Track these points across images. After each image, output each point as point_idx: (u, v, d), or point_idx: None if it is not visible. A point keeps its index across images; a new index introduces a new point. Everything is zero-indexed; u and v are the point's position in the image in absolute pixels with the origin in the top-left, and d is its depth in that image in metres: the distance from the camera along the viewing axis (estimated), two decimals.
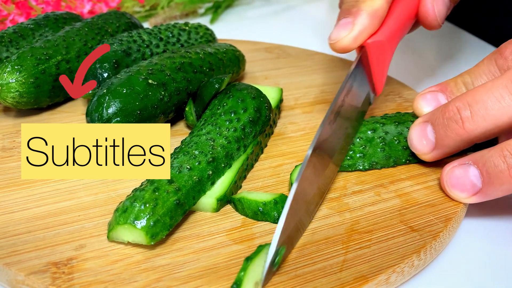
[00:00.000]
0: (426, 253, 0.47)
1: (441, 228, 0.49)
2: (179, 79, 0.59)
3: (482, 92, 0.49)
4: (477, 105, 0.49)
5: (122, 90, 0.55)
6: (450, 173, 0.51)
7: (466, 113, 0.49)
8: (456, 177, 0.50)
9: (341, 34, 0.53)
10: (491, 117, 0.48)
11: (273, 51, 0.83)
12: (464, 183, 0.50)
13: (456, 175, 0.50)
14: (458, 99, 0.50)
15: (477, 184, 0.49)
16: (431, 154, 0.53)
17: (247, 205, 0.49)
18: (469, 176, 0.49)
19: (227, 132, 0.54)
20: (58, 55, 0.62)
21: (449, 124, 0.50)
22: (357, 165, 0.55)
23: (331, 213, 0.50)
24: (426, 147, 0.53)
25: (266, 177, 0.55)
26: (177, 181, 0.48)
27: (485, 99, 0.48)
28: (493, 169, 0.47)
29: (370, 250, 0.46)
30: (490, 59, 0.53)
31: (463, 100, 0.50)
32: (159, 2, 1.05)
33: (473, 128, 0.49)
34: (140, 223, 0.44)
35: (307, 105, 0.68)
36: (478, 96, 0.49)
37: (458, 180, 0.50)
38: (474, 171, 0.49)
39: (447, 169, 0.51)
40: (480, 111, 0.48)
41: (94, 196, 0.51)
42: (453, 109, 0.50)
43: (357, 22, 0.53)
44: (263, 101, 0.58)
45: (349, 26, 0.53)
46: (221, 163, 0.52)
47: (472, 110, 0.49)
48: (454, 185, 0.51)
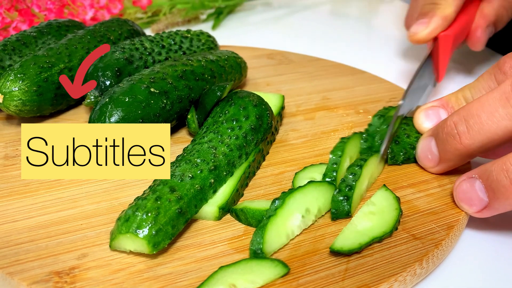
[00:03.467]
0: (428, 261, 0.47)
1: (443, 236, 0.49)
2: (181, 87, 0.60)
3: (477, 106, 0.50)
4: (472, 119, 0.49)
5: (124, 99, 0.55)
6: (459, 187, 0.51)
7: (462, 127, 0.50)
8: (463, 192, 0.51)
9: (419, 29, 0.70)
10: (486, 131, 0.49)
11: (275, 57, 0.83)
12: (471, 198, 0.50)
13: (464, 190, 0.51)
14: (455, 114, 0.51)
15: (483, 198, 0.49)
16: (437, 168, 0.55)
17: (251, 214, 0.49)
18: (475, 190, 0.49)
19: (229, 140, 0.54)
20: (61, 63, 0.63)
21: (448, 139, 0.52)
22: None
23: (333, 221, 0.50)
24: (431, 161, 0.55)
25: (268, 185, 0.55)
26: (179, 190, 0.48)
27: (479, 113, 0.49)
28: (496, 184, 0.47)
29: (373, 258, 0.46)
30: (490, 74, 0.55)
31: (460, 114, 0.51)
32: (161, 8, 1.06)
33: (470, 143, 0.50)
34: (142, 232, 0.44)
35: (309, 111, 0.68)
36: (473, 110, 0.50)
37: (465, 194, 0.50)
38: (479, 185, 0.49)
39: (457, 182, 0.52)
40: (475, 126, 0.49)
41: (96, 204, 0.51)
42: (450, 124, 0.51)
43: (432, 22, 0.70)
44: (265, 108, 0.58)
45: (425, 24, 0.70)
46: (223, 171, 0.52)
47: (468, 124, 0.50)
48: (462, 199, 0.51)
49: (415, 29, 0.71)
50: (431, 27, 0.69)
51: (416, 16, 0.72)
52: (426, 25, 0.70)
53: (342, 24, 1.07)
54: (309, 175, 0.54)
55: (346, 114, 0.68)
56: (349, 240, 0.46)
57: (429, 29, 0.70)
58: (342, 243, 0.46)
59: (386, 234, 0.47)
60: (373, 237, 0.47)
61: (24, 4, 0.91)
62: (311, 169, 0.55)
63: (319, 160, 0.58)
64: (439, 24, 0.69)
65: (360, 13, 1.15)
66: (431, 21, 0.69)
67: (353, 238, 0.46)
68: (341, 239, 0.46)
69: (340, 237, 0.47)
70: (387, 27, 1.07)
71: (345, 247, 0.46)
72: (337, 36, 1.01)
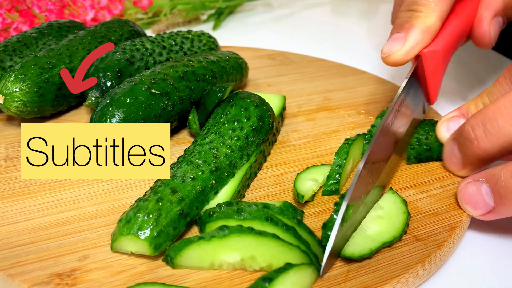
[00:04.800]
0: (431, 263, 0.47)
1: (445, 237, 0.49)
2: (182, 88, 0.59)
3: (493, 109, 0.49)
4: (489, 123, 0.49)
5: (126, 100, 0.55)
6: (464, 189, 0.51)
7: (479, 132, 0.49)
8: (469, 194, 0.50)
9: (393, 48, 0.55)
10: (504, 135, 0.48)
11: (276, 58, 0.83)
12: (477, 201, 0.49)
13: (469, 192, 0.50)
14: (472, 118, 0.51)
15: (489, 203, 0.48)
16: (463, 172, 0.55)
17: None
18: (481, 194, 0.49)
19: (230, 141, 0.54)
20: (62, 64, 0.62)
21: (466, 144, 0.51)
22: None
23: None
24: (456, 165, 0.55)
25: (269, 186, 0.55)
26: (181, 191, 0.48)
27: (496, 117, 0.48)
28: (504, 189, 0.47)
29: (375, 260, 0.46)
30: (505, 78, 0.53)
31: (477, 118, 0.50)
32: (161, 9, 1.06)
33: (488, 147, 0.49)
34: (143, 233, 0.44)
35: (310, 112, 0.68)
36: (489, 113, 0.49)
37: (471, 197, 0.50)
38: (486, 189, 0.49)
39: (462, 184, 0.51)
40: (492, 130, 0.49)
41: (97, 206, 0.51)
42: (467, 128, 0.51)
43: (409, 37, 0.55)
44: (266, 109, 0.58)
45: (401, 41, 0.55)
46: (224, 172, 0.51)
47: (485, 128, 0.49)
48: (467, 202, 0.51)
49: (389, 48, 0.55)
50: (408, 44, 0.54)
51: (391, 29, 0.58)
52: (403, 41, 0.55)
53: (342, 25, 1.07)
54: (311, 176, 0.53)
55: (347, 115, 0.68)
56: (360, 246, 0.46)
57: (407, 47, 0.55)
58: (353, 249, 0.46)
59: (395, 239, 0.47)
60: (383, 242, 0.46)
61: (24, 5, 0.91)
62: (312, 170, 0.55)
63: (320, 161, 0.58)
64: (419, 40, 0.55)
65: (360, 13, 1.15)
66: (409, 37, 0.55)
67: (364, 244, 0.46)
68: (352, 245, 0.46)
69: (351, 243, 0.46)
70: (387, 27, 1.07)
71: (356, 253, 0.45)
72: (338, 36, 1.01)
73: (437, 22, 0.55)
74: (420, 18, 0.55)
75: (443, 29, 0.57)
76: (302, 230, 0.46)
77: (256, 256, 0.44)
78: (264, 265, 0.44)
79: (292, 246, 0.43)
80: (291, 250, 0.43)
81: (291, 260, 0.43)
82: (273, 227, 0.45)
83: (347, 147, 0.55)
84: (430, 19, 0.55)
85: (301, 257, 0.44)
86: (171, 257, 0.44)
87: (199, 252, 0.44)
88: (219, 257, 0.44)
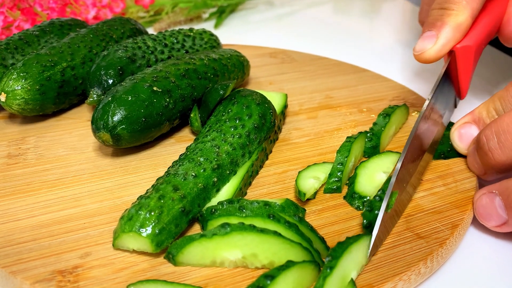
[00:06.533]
0: (433, 260, 0.46)
1: (447, 235, 0.49)
2: (184, 86, 0.59)
3: (508, 121, 0.49)
4: (503, 136, 0.49)
5: (127, 98, 0.55)
6: (479, 201, 0.51)
7: (493, 144, 0.50)
8: (483, 206, 0.50)
9: (426, 46, 0.56)
10: None
11: (278, 56, 0.83)
12: (491, 214, 0.50)
13: (483, 204, 0.50)
14: (487, 128, 0.51)
15: (503, 215, 0.48)
16: (486, 177, 0.55)
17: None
18: (495, 206, 0.49)
19: (232, 138, 0.54)
20: (63, 61, 0.62)
21: (481, 154, 0.52)
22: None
23: (336, 220, 0.50)
24: (478, 170, 0.55)
25: (271, 184, 0.55)
26: (182, 189, 0.48)
27: (510, 129, 0.48)
28: None
29: (377, 257, 0.46)
30: None
31: (491, 129, 0.50)
32: (163, 7, 1.06)
33: (503, 159, 0.49)
34: (145, 231, 0.44)
35: (312, 110, 0.68)
36: (503, 125, 0.49)
37: (485, 209, 0.50)
38: (499, 202, 0.49)
39: (477, 195, 0.51)
40: (506, 142, 0.49)
41: (99, 203, 0.51)
42: (482, 139, 0.51)
43: (441, 35, 0.56)
44: (268, 107, 0.58)
45: (433, 38, 0.56)
46: (226, 170, 0.51)
47: (499, 140, 0.49)
48: (481, 214, 0.51)
49: (421, 46, 0.57)
50: (441, 42, 0.55)
51: (423, 27, 0.60)
52: (434, 39, 0.56)
53: (344, 23, 1.07)
54: (312, 174, 0.53)
55: (349, 113, 0.68)
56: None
57: (439, 44, 0.56)
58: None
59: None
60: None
61: (26, 3, 0.91)
62: (314, 168, 0.55)
63: (322, 159, 0.58)
64: (451, 37, 0.56)
65: (362, 11, 1.15)
66: (441, 34, 0.55)
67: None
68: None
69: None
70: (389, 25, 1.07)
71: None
72: (340, 34, 1.01)
73: (468, 20, 0.56)
74: (451, 16, 0.56)
75: (474, 26, 0.58)
76: (304, 227, 0.46)
77: (257, 254, 0.44)
78: (266, 262, 0.44)
79: (293, 243, 0.43)
80: (292, 247, 0.43)
81: (293, 257, 0.43)
82: (275, 225, 0.45)
83: (349, 145, 0.55)
84: (461, 16, 0.56)
85: (303, 254, 0.44)
86: (173, 254, 0.44)
87: (200, 249, 0.44)
88: (220, 255, 0.44)
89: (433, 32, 0.56)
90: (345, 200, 0.52)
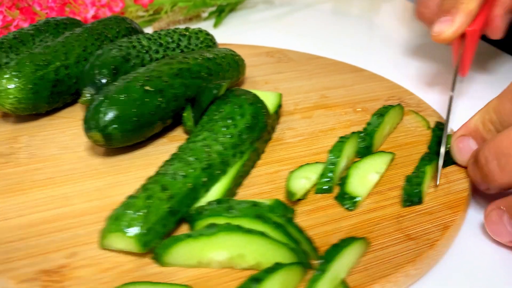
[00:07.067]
0: (422, 262, 0.46)
1: (438, 237, 0.48)
2: (176, 85, 0.59)
3: (507, 143, 0.48)
4: (504, 159, 0.48)
5: (119, 97, 0.55)
6: (489, 218, 0.50)
7: (493, 166, 0.49)
8: (492, 222, 0.50)
9: (444, 28, 0.66)
10: None
11: (274, 55, 0.82)
12: (500, 230, 0.49)
13: (493, 220, 0.50)
14: (486, 148, 0.50)
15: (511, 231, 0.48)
16: (489, 191, 0.53)
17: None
18: (503, 223, 0.49)
19: (224, 138, 0.54)
20: (57, 61, 0.62)
21: (481, 174, 0.51)
22: None
23: (327, 220, 0.50)
24: (481, 186, 0.54)
25: (262, 184, 0.54)
26: (171, 188, 0.47)
27: (510, 152, 0.48)
28: None
29: (366, 258, 0.45)
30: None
31: (490, 150, 0.50)
32: (162, 6, 1.05)
33: (505, 181, 0.49)
34: (132, 231, 0.44)
35: (307, 110, 0.68)
36: (503, 147, 0.48)
37: (494, 225, 0.50)
38: (508, 220, 0.48)
39: (488, 210, 0.51)
40: (507, 166, 0.48)
41: (88, 203, 0.51)
42: (482, 159, 0.51)
43: (456, 19, 0.66)
44: (260, 107, 0.58)
45: (449, 22, 0.66)
46: (216, 169, 0.51)
47: (499, 163, 0.49)
48: (491, 229, 0.50)
49: (439, 28, 0.66)
50: (456, 25, 0.65)
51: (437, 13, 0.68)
52: (451, 23, 0.66)
53: (343, 22, 1.06)
54: (304, 174, 0.53)
55: (344, 113, 0.67)
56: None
57: (455, 27, 0.66)
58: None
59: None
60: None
61: (25, 2, 0.92)
62: (306, 168, 0.54)
63: (316, 159, 0.58)
64: (464, 21, 0.66)
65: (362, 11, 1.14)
66: (456, 19, 0.65)
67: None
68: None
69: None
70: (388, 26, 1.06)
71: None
72: (339, 34, 1.00)
73: (477, 8, 0.66)
74: (464, 4, 0.66)
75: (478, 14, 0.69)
76: (292, 228, 0.45)
77: (244, 255, 0.44)
78: (253, 263, 0.44)
79: (280, 244, 0.43)
80: (279, 248, 0.43)
81: (280, 258, 0.43)
82: (262, 225, 0.45)
83: (340, 145, 0.55)
84: (472, 4, 0.66)
85: (290, 255, 0.43)
86: (159, 254, 0.44)
87: (187, 250, 0.44)
88: (207, 255, 0.44)
89: (449, 17, 0.66)
90: (336, 200, 0.52)
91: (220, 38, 0.84)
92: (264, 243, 0.43)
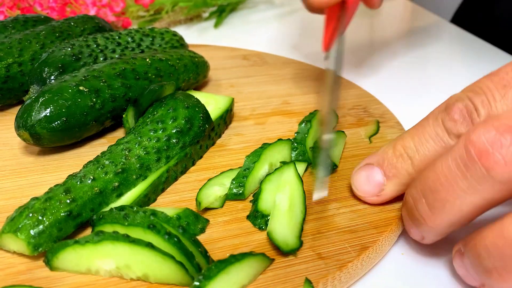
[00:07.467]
0: (326, 284, 0.43)
1: (352, 258, 0.45)
2: (116, 86, 0.58)
3: (433, 178, 0.41)
4: (432, 196, 0.41)
5: (50, 97, 0.54)
6: (454, 260, 0.44)
7: (422, 207, 0.42)
8: (457, 265, 0.44)
9: None
10: (450, 209, 0.41)
11: (251, 58, 0.80)
12: (466, 275, 0.43)
13: (457, 263, 0.44)
14: (412, 187, 0.44)
15: (477, 279, 0.42)
16: (425, 241, 0.47)
17: None
18: (466, 267, 0.43)
19: (148, 142, 0.52)
20: (10, 57, 0.63)
21: (412, 218, 0.45)
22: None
23: (239, 233, 0.47)
24: (416, 235, 0.47)
25: (186, 191, 0.53)
26: (74, 192, 0.46)
27: (437, 188, 0.41)
28: (486, 264, 0.40)
29: (265, 276, 0.43)
30: (437, 119, 0.45)
31: (416, 188, 0.43)
32: (163, 6, 1.05)
33: (437, 223, 0.42)
34: (23, 232, 0.43)
35: (262, 116, 0.65)
36: (429, 183, 0.42)
37: (460, 269, 0.44)
38: (469, 263, 0.42)
39: (453, 250, 0.45)
40: (436, 203, 0.41)
41: (5, 201, 0.50)
42: (409, 200, 0.44)
43: None
44: (198, 111, 0.56)
45: None
46: (133, 174, 0.50)
47: (428, 202, 0.42)
48: (460, 273, 0.44)
49: None
50: None
51: None
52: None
53: None
54: (220, 181, 0.51)
55: (299, 121, 0.64)
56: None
57: None
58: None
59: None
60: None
61: (26, 2, 0.93)
62: (225, 175, 0.52)
63: None
64: None
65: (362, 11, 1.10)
66: None
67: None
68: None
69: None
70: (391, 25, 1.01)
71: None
72: None
73: None
74: None
75: None
76: (186, 239, 0.43)
77: (131, 265, 0.42)
78: (140, 274, 0.42)
79: (166, 257, 0.41)
80: (165, 260, 0.41)
81: (166, 271, 0.41)
82: (154, 236, 0.43)
83: (260, 151, 0.52)
84: None
85: (176, 268, 0.41)
86: (48, 258, 0.43)
87: (74, 256, 0.43)
88: (95, 263, 0.43)
89: None
90: (248, 220, 0.49)
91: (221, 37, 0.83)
92: (150, 255, 0.41)
